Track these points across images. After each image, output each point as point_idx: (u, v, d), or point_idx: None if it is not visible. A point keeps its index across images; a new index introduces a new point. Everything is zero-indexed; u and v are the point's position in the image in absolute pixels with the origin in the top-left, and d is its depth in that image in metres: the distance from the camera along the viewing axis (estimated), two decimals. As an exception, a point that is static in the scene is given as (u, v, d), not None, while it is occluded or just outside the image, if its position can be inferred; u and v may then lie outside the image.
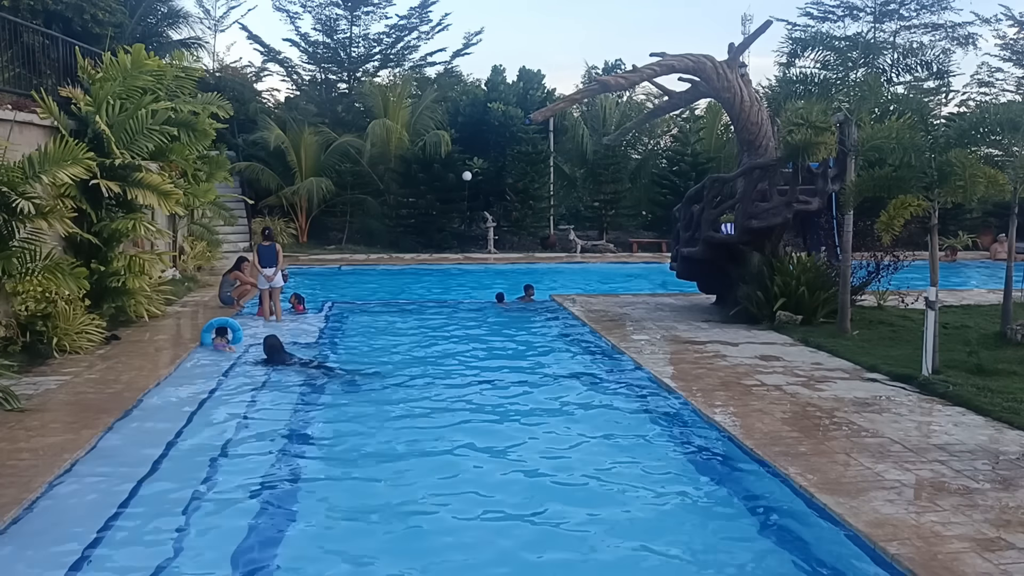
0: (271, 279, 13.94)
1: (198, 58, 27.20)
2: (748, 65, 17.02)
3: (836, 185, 13.35)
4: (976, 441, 7.47)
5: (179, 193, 13.45)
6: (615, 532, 5.90)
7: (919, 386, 9.36)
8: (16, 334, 10.36)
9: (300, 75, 33.86)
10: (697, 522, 6.11)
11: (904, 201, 9.89)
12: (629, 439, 7.94)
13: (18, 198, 9.52)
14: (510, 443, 7.83)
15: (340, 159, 28.26)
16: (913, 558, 5.16)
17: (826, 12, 34.59)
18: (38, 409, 8.25)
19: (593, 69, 36.96)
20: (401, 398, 9.37)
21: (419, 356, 11.64)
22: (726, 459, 7.33)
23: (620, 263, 25.12)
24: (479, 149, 28.27)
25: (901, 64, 11.73)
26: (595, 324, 13.57)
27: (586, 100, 29.59)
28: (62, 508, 6.04)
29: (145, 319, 13.14)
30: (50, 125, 12.19)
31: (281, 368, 10.56)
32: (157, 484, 6.61)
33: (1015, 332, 11.34)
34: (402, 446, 7.68)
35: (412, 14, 33.03)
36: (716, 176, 15.60)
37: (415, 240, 27.14)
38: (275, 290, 14.12)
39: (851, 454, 7.09)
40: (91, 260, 12.07)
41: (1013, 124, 9.80)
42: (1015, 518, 5.78)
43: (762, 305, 13.34)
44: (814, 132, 12.71)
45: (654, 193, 30.23)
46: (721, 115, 28.07)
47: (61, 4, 18.06)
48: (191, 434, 7.91)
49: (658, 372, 10.22)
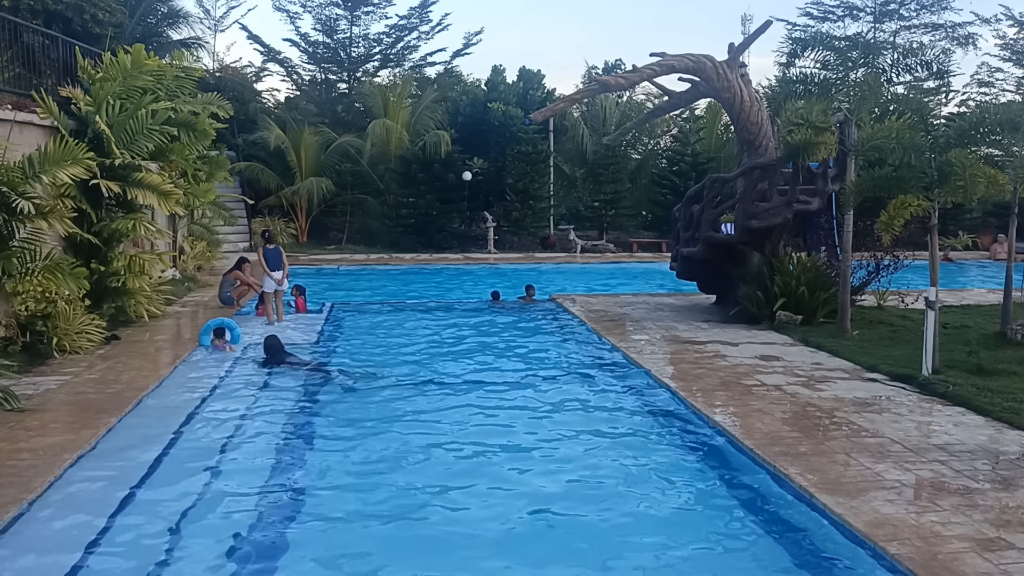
0: (280, 283, 13.84)
1: (198, 58, 27.24)
2: (748, 65, 17.04)
3: (836, 185, 13.35)
4: (976, 441, 7.46)
5: (179, 193, 13.46)
6: (614, 531, 5.90)
7: (919, 386, 9.36)
8: (16, 334, 10.36)
9: (300, 75, 33.93)
10: (696, 522, 6.11)
11: (904, 201, 9.90)
12: (628, 439, 7.94)
13: (18, 198, 9.53)
14: (509, 443, 7.83)
15: (340, 159, 28.27)
16: (913, 558, 5.16)
17: (826, 12, 34.63)
18: (38, 409, 8.25)
19: (593, 69, 36.99)
20: (400, 398, 9.37)
21: (418, 356, 11.63)
22: (725, 459, 7.33)
23: (620, 263, 25.12)
24: (479, 149, 28.27)
25: (901, 64, 11.73)
26: (595, 324, 13.56)
27: (586, 100, 29.59)
28: (62, 508, 6.04)
29: (145, 319, 13.14)
30: (50, 125, 12.18)
31: (281, 368, 10.56)
32: (157, 484, 6.61)
33: (1015, 332, 11.34)
34: (402, 446, 7.68)
35: (412, 14, 33.08)
36: (716, 176, 15.60)
37: (415, 240, 27.14)
38: (279, 292, 14.12)
39: (851, 454, 7.09)
40: (91, 260, 12.08)
41: (1013, 124, 9.80)
42: (1015, 518, 5.78)
43: (762, 305, 13.34)
44: (814, 132, 12.70)
45: (654, 193, 30.24)
46: (721, 115, 28.08)
47: (61, 4, 18.07)
48: (191, 434, 7.91)
49: (658, 372, 10.22)
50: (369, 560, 5.49)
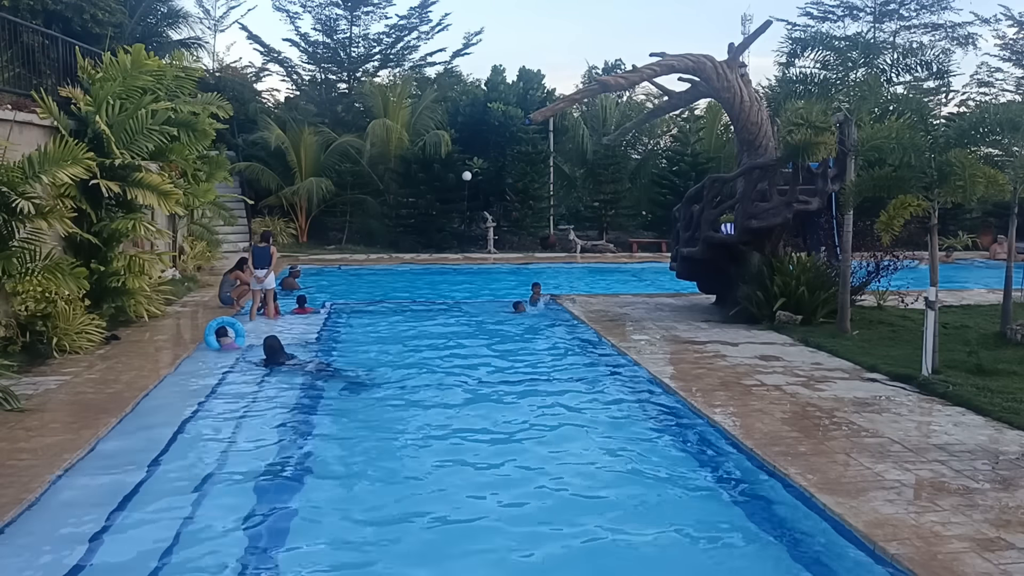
0: (262, 280, 14.16)
1: (198, 58, 27.26)
2: (748, 65, 17.01)
3: (836, 185, 13.35)
4: (976, 441, 7.47)
5: (179, 193, 13.46)
6: (612, 532, 5.88)
7: (919, 386, 9.36)
8: (16, 334, 10.36)
9: (300, 75, 33.92)
10: (695, 522, 6.09)
11: (904, 201, 9.89)
12: (628, 439, 7.94)
13: (18, 198, 9.53)
14: (508, 444, 7.83)
15: (340, 159, 28.27)
16: (913, 558, 5.16)
17: (826, 12, 34.66)
18: (38, 409, 8.25)
19: (593, 69, 37.03)
20: (400, 398, 9.36)
21: (418, 356, 11.61)
22: (725, 459, 7.33)
23: (620, 263, 25.12)
24: (479, 149, 28.26)
25: (901, 64, 11.73)
26: (595, 324, 13.56)
27: (586, 100, 29.59)
28: (61, 508, 6.04)
29: (145, 319, 13.14)
30: (50, 125, 12.18)
31: (280, 369, 10.56)
32: (157, 485, 6.61)
33: (1015, 332, 11.35)
34: (401, 446, 7.68)
35: (412, 14, 33.06)
36: (716, 176, 15.60)
37: (415, 240, 27.14)
38: (268, 291, 14.31)
39: (851, 454, 7.09)
40: (91, 260, 12.08)
41: (1013, 124, 9.80)
42: (1015, 518, 5.78)
43: (762, 305, 13.34)
44: (814, 132, 12.71)
45: (654, 193, 30.22)
46: (721, 115, 28.07)
47: (61, 4, 18.07)
48: (191, 434, 7.91)
49: (657, 372, 10.21)
50: (370, 561, 5.48)
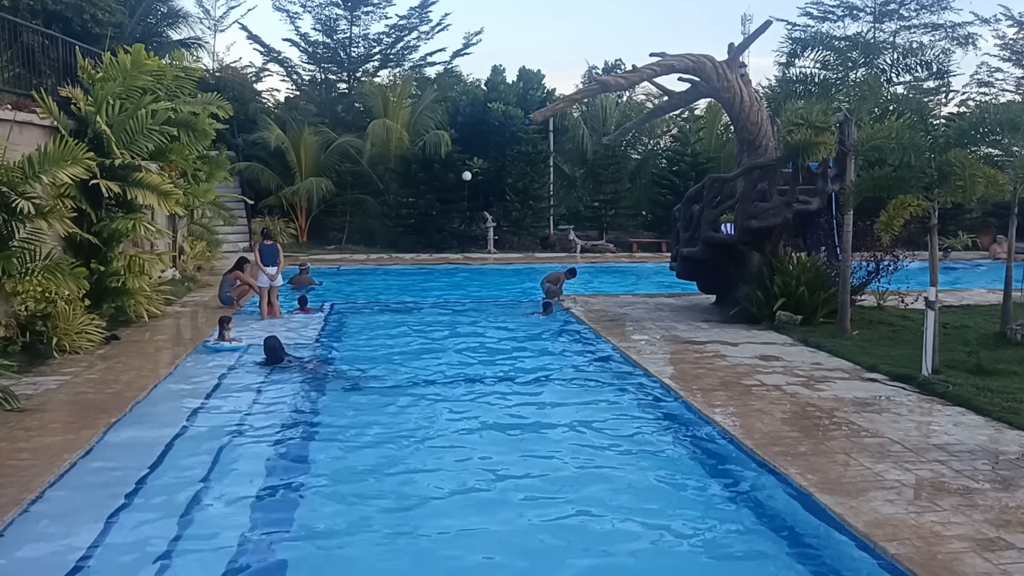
0: (273, 278, 14.23)
1: (198, 58, 27.26)
2: (748, 65, 17.00)
3: (836, 185, 13.35)
4: (976, 441, 7.47)
5: (179, 193, 13.46)
6: (611, 532, 5.89)
7: (919, 386, 9.36)
8: (16, 334, 10.36)
9: (300, 75, 33.90)
10: (695, 522, 6.10)
11: (904, 201, 9.89)
12: (628, 440, 7.94)
13: (18, 198, 9.53)
14: (508, 444, 7.83)
15: (340, 159, 28.26)
16: (913, 558, 5.16)
17: (826, 12, 34.63)
18: (38, 409, 8.25)
19: (593, 69, 37.01)
20: (399, 397, 9.36)
21: (418, 356, 11.61)
22: (725, 459, 7.33)
23: (620, 263, 25.11)
24: (479, 149, 28.25)
25: (901, 64, 11.74)
26: (595, 324, 13.56)
27: (586, 100, 29.60)
28: (62, 508, 6.04)
29: (145, 319, 13.13)
30: (50, 125, 12.18)
31: (281, 368, 10.56)
32: (156, 485, 6.60)
33: (1015, 332, 11.35)
34: (401, 445, 7.68)
35: (412, 14, 33.05)
36: (716, 176, 15.60)
37: (415, 240, 27.13)
38: (273, 288, 14.31)
39: (851, 454, 7.09)
40: (91, 260, 12.07)
41: (1013, 124, 9.80)
42: (1015, 518, 5.78)
43: (762, 305, 13.34)
44: (814, 132, 12.70)
45: (654, 193, 30.22)
46: (721, 115, 28.06)
47: (61, 4, 18.07)
48: (191, 435, 7.90)
49: (657, 372, 10.21)
50: (371, 561, 5.49)
